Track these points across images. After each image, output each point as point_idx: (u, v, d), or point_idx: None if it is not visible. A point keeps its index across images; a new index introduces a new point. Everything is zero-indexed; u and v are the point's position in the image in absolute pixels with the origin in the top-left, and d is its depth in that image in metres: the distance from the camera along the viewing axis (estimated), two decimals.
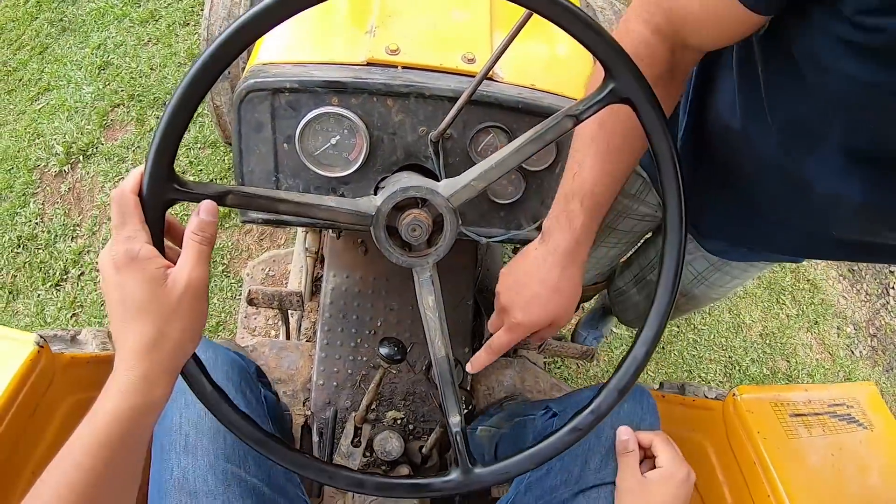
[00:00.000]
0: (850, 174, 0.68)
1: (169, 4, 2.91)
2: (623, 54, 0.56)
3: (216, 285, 2.14)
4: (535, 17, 0.59)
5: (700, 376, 2.35)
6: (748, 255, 1.12)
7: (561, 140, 0.87)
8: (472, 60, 0.87)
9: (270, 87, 0.82)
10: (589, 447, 0.82)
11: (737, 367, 2.41)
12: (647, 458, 0.81)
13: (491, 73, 0.86)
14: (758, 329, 2.51)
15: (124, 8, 2.89)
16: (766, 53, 0.69)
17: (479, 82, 0.75)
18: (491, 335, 0.89)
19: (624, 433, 0.80)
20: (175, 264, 0.57)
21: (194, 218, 0.59)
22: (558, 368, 2.24)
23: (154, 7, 2.89)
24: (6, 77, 2.72)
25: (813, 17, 0.59)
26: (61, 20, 2.92)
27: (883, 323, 2.70)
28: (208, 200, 0.59)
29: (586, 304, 2.19)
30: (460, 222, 0.85)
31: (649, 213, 1.20)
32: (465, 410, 1.09)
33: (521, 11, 0.71)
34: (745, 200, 0.93)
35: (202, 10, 2.69)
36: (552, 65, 0.96)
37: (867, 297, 2.75)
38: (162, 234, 0.58)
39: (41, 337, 0.86)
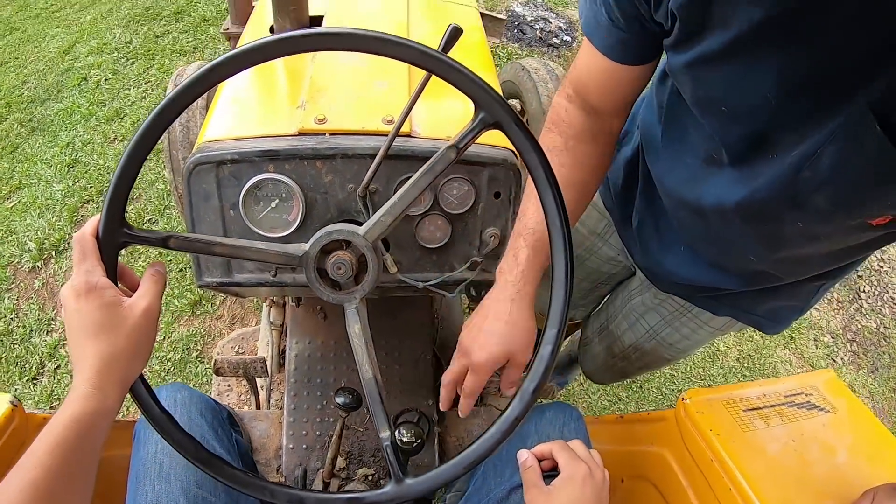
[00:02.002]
0: (734, 182, 0.78)
1: (133, 103, 3.05)
2: (487, 87, 0.66)
3: (191, 371, 2.17)
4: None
5: None
6: (709, 301, 1.14)
7: (478, 184, 0.97)
8: (390, 121, 0.96)
9: (214, 159, 0.91)
10: (518, 451, 0.87)
11: None
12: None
13: (410, 131, 0.97)
14: (734, 354, 2.54)
15: (90, 108, 3.02)
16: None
17: (392, 139, 0.84)
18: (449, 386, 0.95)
19: (521, 455, 0.84)
20: (126, 297, 0.67)
21: (152, 266, 0.71)
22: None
23: (119, 106, 3.02)
24: None
25: (664, 47, 0.75)
26: (30, 120, 3.03)
27: (860, 326, 2.73)
28: (160, 262, 0.71)
29: None
30: (395, 269, 0.94)
31: (612, 255, 1.27)
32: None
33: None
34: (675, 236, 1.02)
35: None
36: (465, 117, 1.05)
37: (839, 304, 2.80)
38: (115, 270, 0.68)
39: (15, 397, 0.93)
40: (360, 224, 0.96)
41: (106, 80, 3.21)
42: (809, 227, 0.75)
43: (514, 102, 2.11)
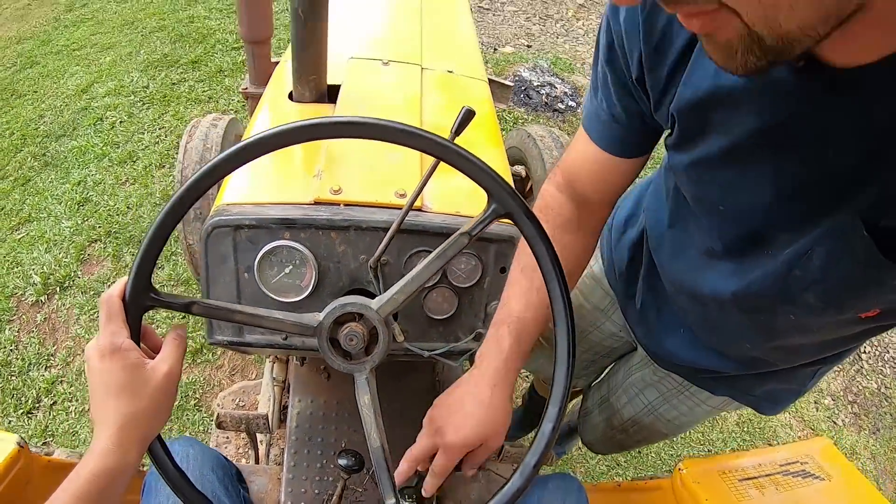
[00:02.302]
0: (730, 274, 0.82)
1: (146, 147, 3.10)
2: (500, 179, 0.70)
3: (188, 419, 2.18)
4: None
5: None
6: (708, 382, 1.16)
7: (486, 260, 1.02)
8: (403, 195, 1.01)
9: (233, 223, 0.94)
10: None
11: None
12: None
13: (421, 204, 1.01)
14: (733, 418, 2.51)
15: (104, 148, 3.07)
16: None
17: (405, 215, 0.88)
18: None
19: None
20: (148, 359, 0.69)
21: (174, 330, 0.73)
22: None
23: (132, 149, 3.08)
24: None
25: (666, 144, 0.80)
26: (44, 155, 3.09)
27: (860, 388, 2.72)
28: (181, 326, 0.74)
29: None
30: (402, 337, 0.97)
31: (615, 331, 1.30)
32: None
33: None
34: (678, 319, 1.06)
35: (177, 153, 2.90)
36: (474, 193, 1.08)
37: (840, 366, 2.76)
38: (139, 332, 0.71)
39: (22, 438, 0.95)
40: (370, 294, 1.00)
41: (121, 122, 3.28)
42: (801, 319, 0.78)
43: (518, 168, 2.16)
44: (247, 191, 1.03)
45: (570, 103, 3.52)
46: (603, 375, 1.50)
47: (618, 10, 0.74)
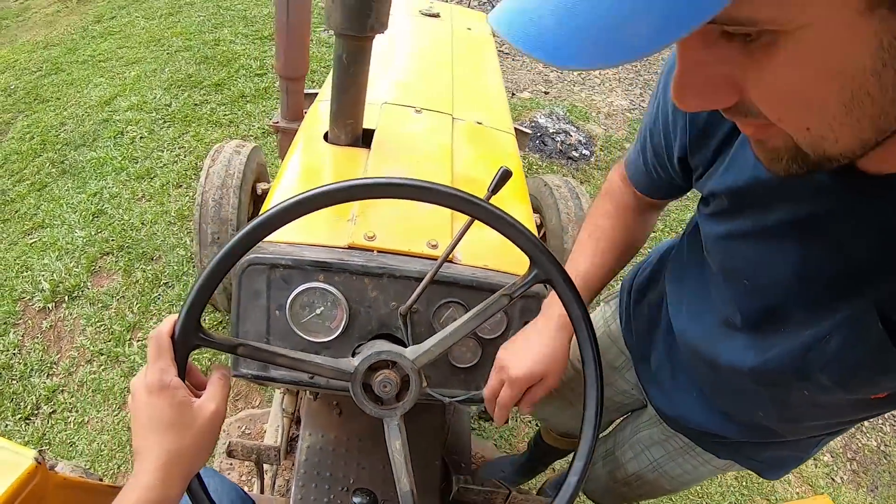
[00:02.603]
0: (748, 347, 0.85)
1: (164, 165, 3.13)
2: (542, 246, 0.75)
3: None
4: None
5: None
6: (714, 445, 1.19)
7: (511, 314, 1.05)
8: (435, 246, 1.05)
9: (268, 262, 0.98)
10: None
11: None
12: None
13: (451, 256, 1.05)
14: (731, 473, 2.46)
15: (123, 162, 3.10)
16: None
17: (439, 267, 0.92)
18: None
19: None
20: (194, 397, 0.72)
21: (218, 370, 0.76)
22: None
23: (151, 165, 3.11)
24: (3, 206, 2.87)
25: (699, 210, 0.85)
26: (62, 162, 3.12)
27: (860, 445, 2.70)
28: (225, 367, 0.77)
29: (557, 465, 2.21)
30: (425, 383, 1.00)
31: (627, 389, 1.33)
32: None
33: None
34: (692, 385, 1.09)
35: (196, 174, 2.90)
36: (502, 248, 1.10)
37: None
38: (185, 370, 0.73)
39: (39, 454, 0.96)
40: (397, 339, 1.03)
41: (141, 137, 3.32)
42: (814, 395, 0.81)
43: (534, 216, 2.20)
44: (282, 229, 1.06)
45: (584, 152, 3.58)
46: (610, 429, 1.53)
47: (668, 89, 0.80)
